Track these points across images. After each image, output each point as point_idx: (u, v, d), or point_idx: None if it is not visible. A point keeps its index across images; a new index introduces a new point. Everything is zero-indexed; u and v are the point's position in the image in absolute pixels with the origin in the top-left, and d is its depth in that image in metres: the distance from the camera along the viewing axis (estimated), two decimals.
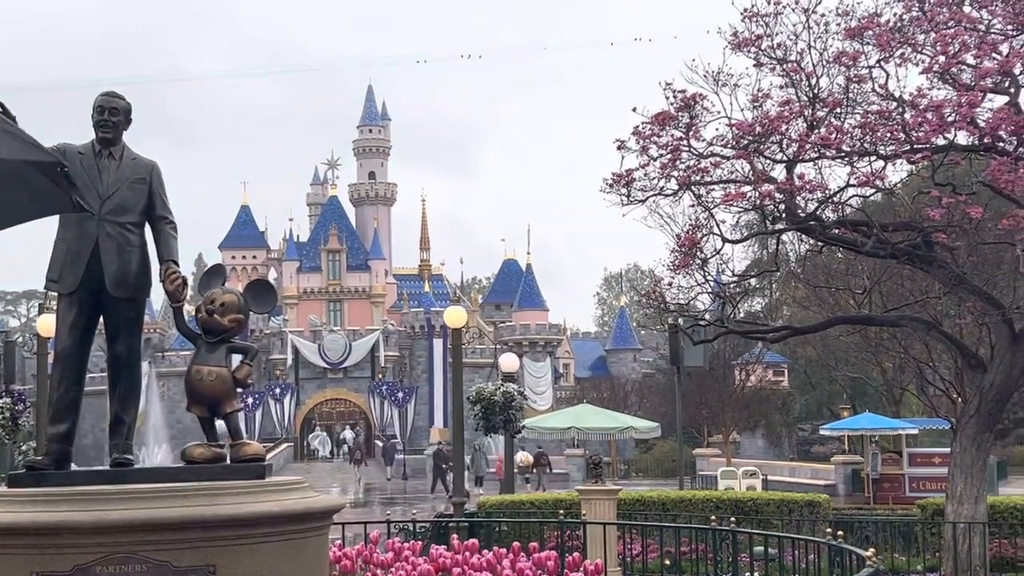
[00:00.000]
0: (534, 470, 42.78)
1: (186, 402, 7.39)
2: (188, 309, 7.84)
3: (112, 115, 6.97)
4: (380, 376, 77.63)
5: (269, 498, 6.63)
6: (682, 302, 18.00)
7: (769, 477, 40.03)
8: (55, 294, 7.05)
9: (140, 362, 7.45)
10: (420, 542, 10.82)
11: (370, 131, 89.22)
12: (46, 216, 5.89)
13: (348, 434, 70.37)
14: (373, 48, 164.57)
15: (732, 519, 12.10)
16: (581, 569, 8.72)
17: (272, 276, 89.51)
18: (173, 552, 6.20)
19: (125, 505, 6.26)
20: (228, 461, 7.22)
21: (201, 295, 7.56)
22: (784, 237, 19.25)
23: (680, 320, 21.02)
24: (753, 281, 26.57)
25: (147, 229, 7.02)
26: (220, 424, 7.19)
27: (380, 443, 66.82)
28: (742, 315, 47.45)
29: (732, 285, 18.07)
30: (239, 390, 7.49)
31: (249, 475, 6.91)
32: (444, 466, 35.11)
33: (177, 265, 7.06)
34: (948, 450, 16.73)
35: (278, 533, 6.53)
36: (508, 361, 29.45)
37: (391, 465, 60.79)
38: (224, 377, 7.24)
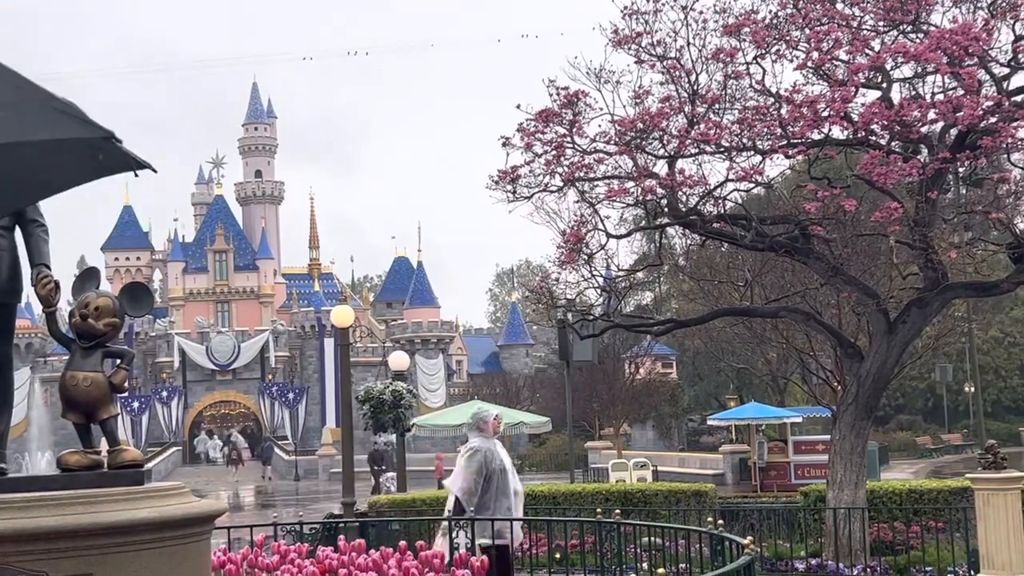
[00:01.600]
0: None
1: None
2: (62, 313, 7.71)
3: None
4: (270, 377, 76.91)
5: (147, 504, 6.54)
6: (570, 297, 18.18)
7: (659, 468, 40.61)
8: None
9: (12, 369, 7.29)
10: (307, 544, 10.76)
11: (256, 129, 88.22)
12: (102, 177, 5.82)
13: (237, 437, 70.37)
14: (257, 45, 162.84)
15: (618, 511, 12.24)
16: (467, 566, 8.75)
17: (157, 277, 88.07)
18: (49, 562, 6.09)
19: None
20: (106, 468, 7.12)
21: (75, 299, 7.43)
22: (670, 231, 19.52)
23: (568, 315, 21.21)
24: (641, 275, 26.87)
25: (17, 233, 6.87)
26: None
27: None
28: (632, 309, 48.03)
29: (619, 279, 18.29)
30: (116, 395, 7.38)
31: (127, 481, 6.81)
32: (378, 467, 34.57)
33: (49, 269, 6.92)
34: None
35: (158, 540, 6.45)
36: (397, 359, 29.36)
37: (268, 465, 61.12)
38: (100, 382, 7.14)
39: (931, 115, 14.19)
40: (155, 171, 4.65)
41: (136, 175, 5.15)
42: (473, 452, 11.25)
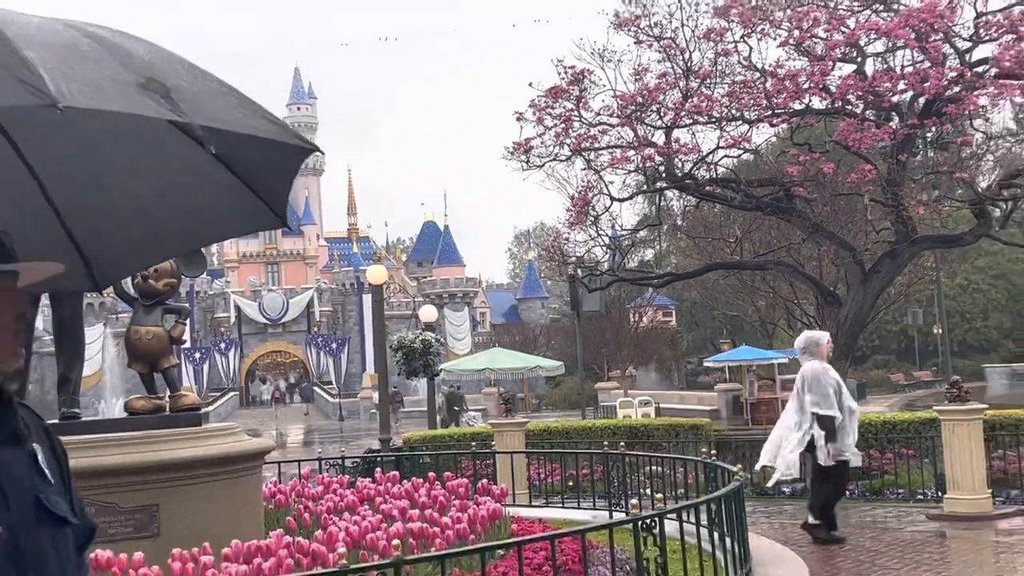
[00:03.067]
0: (390, 407, 42.64)
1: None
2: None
3: None
4: (316, 329, 77.21)
5: (205, 443, 6.59)
6: (579, 254, 18.17)
7: (661, 405, 40.60)
8: None
9: (82, 324, 7.33)
10: (348, 476, 10.82)
11: (298, 109, 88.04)
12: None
13: (280, 382, 73.42)
14: (300, 33, 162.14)
15: (622, 444, 12.25)
16: (489, 493, 8.79)
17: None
18: (119, 494, 6.15)
19: (73, 454, 6.18)
20: (168, 411, 7.16)
21: None
22: (668, 194, 19.44)
23: (578, 271, 21.20)
24: (642, 234, 26.78)
25: None
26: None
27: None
28: (634, 264, 47.91)
29: (623, 238, 18.26)
30: (176, 346, 7.43)
31: (186, 423, 6.86)
32: (458, 408, 33.96)
33: None
34: None
35: (214, 474, 6.50)
36: (427, 312, 29.39)
37: (309, 402, 66.09)
38: (161, 336, 7.17)
39: (901, 85, 14.08)
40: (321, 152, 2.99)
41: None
42: (819, 374, 10.34)
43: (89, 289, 2.51)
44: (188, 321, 7.18)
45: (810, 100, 14.55)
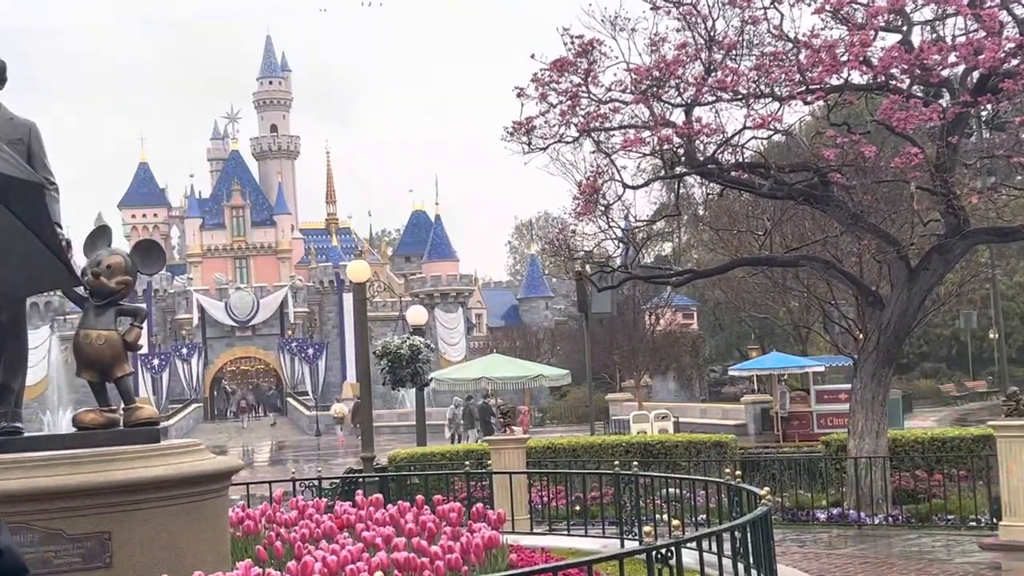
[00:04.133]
0: (353, 422, 42.77)
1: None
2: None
3: None
4: (290, 333, 77.15)
5: (163, 462, 6.60)
6: (588, 249, 18.19)
7: (681, 419, 40.63)
8: None
9: (26, 328, 7.35)
10: (325, 500, 10.84)
11: (270, 83, 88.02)
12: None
13: (247, 393, 74.11)
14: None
15: (635, 463, 12.27)
16: (485, 519, 8.82)
17: (175, 234, 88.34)
18: (66, 520, 6.15)
19: (14, 474, 6.19)
20: (122, 426, 7.17)
21: (87, 258, 7.46)
22: (688, 180, 19.45)
23: (587, 267, 21.22)
24: (660, 225, 26.78)
25: None
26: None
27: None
28: (650, 260, 47.98)
29: (637, 230, 18.27)
30: (131, 352, 7.43)
31: (142, 439, 6.87)
32: (492, 419, 33.58)
33: (60, 228, 6.95)
34: None
35: (173, 497, 6.51)
36: (415, 314, 29.42)
37: (278, 413, 69.45)
38: (113, 341, 7.18)
39: (952, 58, 14.06)
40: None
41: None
42: None
43: None
44: (145, 324, 7.18)
45: (849, 74, 14.52)
